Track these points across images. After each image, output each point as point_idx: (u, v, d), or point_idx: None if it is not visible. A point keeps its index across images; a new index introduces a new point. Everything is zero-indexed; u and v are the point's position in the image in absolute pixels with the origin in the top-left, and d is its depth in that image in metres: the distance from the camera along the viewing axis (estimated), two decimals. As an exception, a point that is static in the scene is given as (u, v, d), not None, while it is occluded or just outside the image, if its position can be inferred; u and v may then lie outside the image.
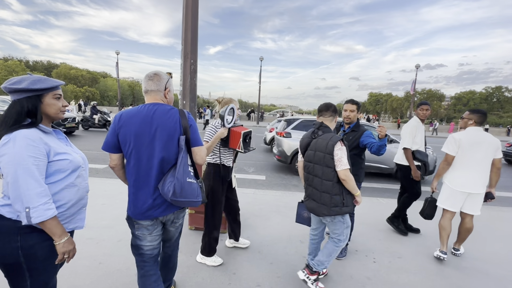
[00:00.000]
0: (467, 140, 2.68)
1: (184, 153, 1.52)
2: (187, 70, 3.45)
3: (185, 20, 3.40)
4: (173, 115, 1.52)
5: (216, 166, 2.40)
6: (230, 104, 2.30)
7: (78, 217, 1.40)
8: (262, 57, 26.10)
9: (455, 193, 2.76)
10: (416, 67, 26.23)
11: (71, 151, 1.35)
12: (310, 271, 2.16)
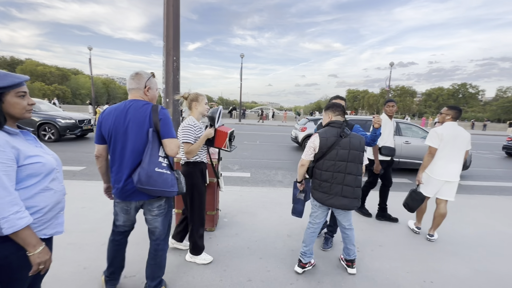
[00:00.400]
0: (447, 134, 2.95)
1: (152, 145, 1.67)
2: (170, 68, 3.37)
3: (166, 17, 3.32)
4: (144, 110, 1.68)
5: (197, 164, 2.37)
6: (219, 106, 2.39)
7: (57, 222, 1.35)
8: (242, 54, 25.97)
9: (434, 181, 3.05)
10: (390, 64, 27.44)
11: (42, 152, 1.27)
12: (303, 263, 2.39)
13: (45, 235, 1.27)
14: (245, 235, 3.06)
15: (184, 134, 2.24)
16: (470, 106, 65.12)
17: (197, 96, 2.37)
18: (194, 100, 2.37)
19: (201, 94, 2.40)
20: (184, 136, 2.24)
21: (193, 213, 2.41)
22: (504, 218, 3.96)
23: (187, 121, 2.30)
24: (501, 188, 6.03)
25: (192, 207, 2.40)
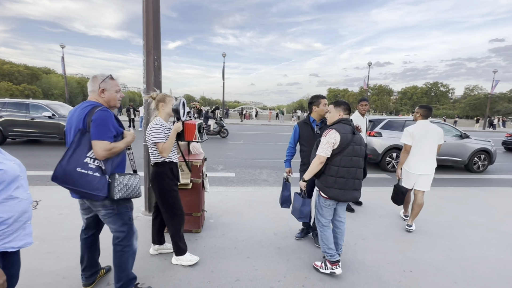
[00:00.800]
0: (418, 131, 3.22)
1: (78, 144, 1.67)
2: (151, 67, 3.28)
3: (145, 14, 3.22)
4: (84, 111, 1.71)
5: (166, 164, 2.31)
6: (179, 97, 2.33)
7: (24, 233, 1.27)
8: (224, 53, 25.78)
9: (411, 175, 3.33)
10: (368, 64, 28.42)
11: (3, 159, 1.20)
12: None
13: (12, 248, 1.19)
14: (232, 235, 3.05)
15: (153, 134, 2.19)
16: (442, 104, 68.98)
17: (164, 97, 2.31)
18: (161, 101, 2.30)
19: (169, 95, 2.34)
20: (153, 136, 2.19)
21: (168, 215, 2.36)
22: (471, 208, 4.24)
23: (154, 122, 2.24)
24: (471, 180, 6.46)
25: (166, 208, 2.35)
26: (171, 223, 2.37)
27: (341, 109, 2.36)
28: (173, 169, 2.37)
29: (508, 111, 53.18)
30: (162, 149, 2.19)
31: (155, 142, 2.19)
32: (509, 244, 3.09)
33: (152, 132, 2.20)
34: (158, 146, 2.19)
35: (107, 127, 1.70)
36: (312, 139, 2.78)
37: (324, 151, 2.22)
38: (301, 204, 2.50)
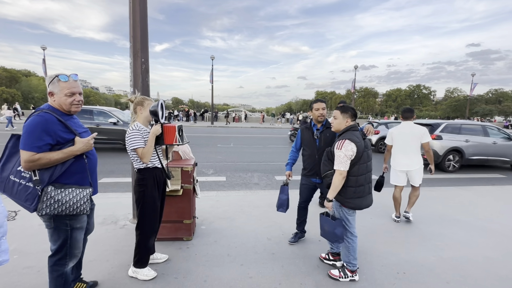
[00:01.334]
0: (396, 132, 3.61)
1: (11, 151, 1.62)
2: (138, 70, 3.18)
3: (132, 16, 3.12)
4: (28, 118, 1.60)
5: (148, 170, 2.20)
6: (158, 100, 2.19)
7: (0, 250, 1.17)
8: (213, 56, 25.67)
9: (397, 172, 3.66)
10: (354, 67, 29.08)
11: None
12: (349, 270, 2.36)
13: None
14: (224, 241, 2.98)
15: (131, 140, 2.10)
16: (424, 106, 71.44)
17: (143, 101, 2.20)
18: (139, 104, 2.19)
19: (148, 99, 2.23)
20: (131, 143, 2.10)
21: (142, 222, 2.24)
22: (458, 207, 4.36)
23: (132, 127, 2.14)
24: (457, 180, 6.66)
25: (142, 216, 2.23)
26: (142, 231, 2.25)
27: (348, 116, 2.27)
28: (157, 175, 2.25)
29: (486, 112, 55.72)
30: (142, 154, 2.10)
31: (134, 148, 2.10)
32: (496, 242, 3.18)
33: (130, 138, 2.11)
34: (138, 152, 2.10)
35: (35, 135, 1.53)
36: (311, 143, 2.76)
37: (344, 165, 2.14)
38: (333, 226, 2.28)
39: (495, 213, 4.15)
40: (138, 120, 2.22)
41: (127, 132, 2.14)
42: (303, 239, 3.09)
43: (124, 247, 2.79)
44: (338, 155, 2.16)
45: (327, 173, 2.30)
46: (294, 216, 3.73)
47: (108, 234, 3.06)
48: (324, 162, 2.34)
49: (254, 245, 2.91)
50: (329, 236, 2.35)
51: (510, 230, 3.53)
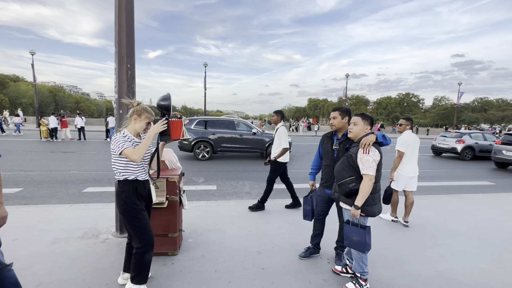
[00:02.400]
0: (411, 140, 3.75)
1: None
2: (123, 76, 3.06)
3: (118, 20, 3.02)
4: None
5: (127, 183, 2.04)
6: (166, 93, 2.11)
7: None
8: (206, 63, 25.68)
9: (403, 178, 3.83)
10: (346, 76, 29.55)
11: None
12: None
13: None
14: (212, 256, 2.83)
15: (116, 144, 1.95)
16: (414, 113, 73.01)
17: (143, 112, 2.06)
18: (137, 113, 2.06)
19: (149, 111, 2.09)
20: (116, 146, 1.94)
21: (135, 237, 2.06)
22: (450, 216, 4.33)
23: (118, 134, 2.01)
24: (447, 187, 6.69)
25: (132, 230, 2.05)
26: (138, 245, 2.06)
27: (368, 123, 2.27)
28: (137, 188, 2.08)
29: (472, 120, 57.36)
30: (132, 153, 1.93)
31: (121, 151, 1.94)
32: (489, 252, 3.13)
33: (114, 144, 1.96)
34: (127, 152, 1.92)
35: None
36: (329, 153, 2.63)
37: (373, 169, 2.12)
38: (363, 235, 2.17)
39: (486, 222, 4.13)
40: (127, 128, 2.08)
41: (112, 139, 2.00)
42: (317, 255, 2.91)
43: (104, 263, 2.61)
44: (367, 159, 2.12)
45: (346, 179, 2.21)
46: (285, 227, 3.62)
47: (88, 250, 2.87)
48: (344, 168, 2.25)
49: (243, 260, 2.77)
50: (361, 246, 2.20)
51: (502, 240, 3.50)
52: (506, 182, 7.65)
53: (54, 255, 2.72)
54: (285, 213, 4.22)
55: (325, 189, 2.70)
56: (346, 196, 2.26)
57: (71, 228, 3.37)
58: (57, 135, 14.19)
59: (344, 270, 2.56)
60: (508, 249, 3.24)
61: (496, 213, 4.56)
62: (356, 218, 2.20)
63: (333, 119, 2.58)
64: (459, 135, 12.08)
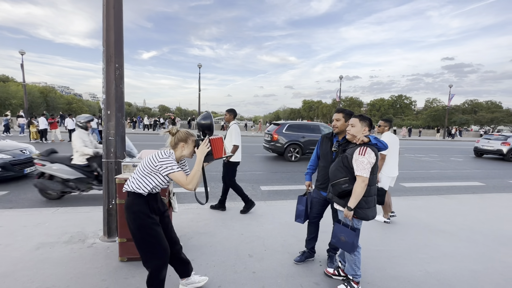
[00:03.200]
0: (391, 141, 3.81)
1: None
2: (111, 76, 2.99)
3: (106, 19, 2.96)
4: None
5: (139, 196, 1.91)
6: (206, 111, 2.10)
7: None
8: (200, 64, 25.60)
9: (387, 179, 3.93)
10: (340, 77, 29.81)
11: None
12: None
13: None
14: (202, 260, 2.77)
15: (165, 163, 1.83)
16: (406, 115, 74.11)
17: (188, 137, 1.97)
18: (182, 140, 1.96)
19: (192, 134, 2.01)
20: (165, 165, 1.83)
21: (144, 254, 1.92)
22: (441, 216, 4.36)
23: (165, 152, 1.88)
24: (438, 188, 6.76)
25: (142, 247, 1.90)
26: (148, 263, 1.92)
27: (366, 125, 2.24)
28: (150, 201, 1.96)
29: (463, 122, 58.44)
30: (188, 182, 1.85)
31: (170, 173, 1.84)
32: (480, 253, 3.15)
33: (163, 161, 1.85)
34: (180, 178, 1.84)
35: None
36: (328, 155, 2.58)
37: (367, 171, 2.09)
38: (352, 237, 2.19)
39: (476, 222, 4.17)
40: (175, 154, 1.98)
41: (158, 155, 1.87)
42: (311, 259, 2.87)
43: (90, 269, 2.53)
44: (362, 161, 2.09)
45: (340, 180, 2.19)
46: (278, 229, 3.59)
47: (73, 255, 2.78)
48: (338, 168, 2.22)
49: (234, 264, 2.72)
50: (347, 247, 2.22)
51: (491, 240, 3.53)
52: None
53: (38, 261, 2.62)
54: (278, 215, 4.18)
55: (320, 191, 2.67)
56: (339, 196, 2.24)
57: (57, 233, 3.26)
58: (46, 136, 13.90)
59: (336, 273, 2.54)
60: (497, 249, 3.27)
61: (485, 213, 4.61)
62: (349, 219, 2.18)
63: (336, 121, 2.51)
64: (504, 138, 13.36)
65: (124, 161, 2.87)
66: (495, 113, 58.97)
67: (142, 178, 1.90)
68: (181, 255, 2.19)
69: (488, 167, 10.51)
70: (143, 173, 1.90)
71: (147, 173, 1.89)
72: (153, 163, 1.86)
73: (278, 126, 10.45)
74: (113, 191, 3.04)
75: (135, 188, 1.90)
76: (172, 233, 2.16)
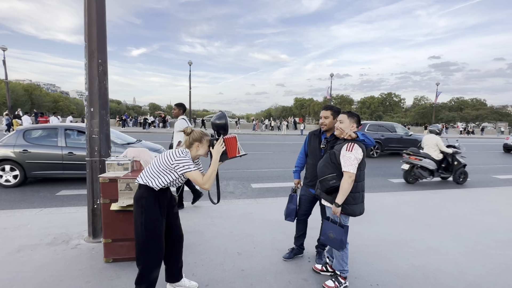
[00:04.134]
0: None
1: None
2: (94, 72, 2.89)
3: (88, 12, 2.86)
4: None
5: (150, 190, 1.90)
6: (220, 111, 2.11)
7: None
8: (190, 61, 25.29)
9: None
10: (330, 75, 30.06)
11: None
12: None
13: None
14: (190, 259, 2.73)
15: (182, 161, 1.86)
16: (395, 112, 75.59)
17: (202, 137, 1.99)
18: (197, 140, 1.98)
19: (206, 134, 2.03)
20: (182, 163, 1.86)
21: (140, 250, 1.89)
22: (427, 211, 4.45)
23: (182, 151, 1.91)
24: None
25: (140, 243, 1.88)
26: (142, 260, 1.90)
27: (354, 121, 2.24)
28: (160, 196, 1.94)
29: (449, 119, 60.06)
30: (205, 181, 1.89)
31: (187, 172, 1.86)
32: (463, 246, 3.23)
33: (181, 159, 1.87)
34: (196, 177, 1.87)
35: None
36: (316, 152, 2.57)
37: (354, 167, 2.09)
38: (340, 234, 2.18)
39: (461, 215, 4.28)
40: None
41: (174, 153, 1.89)
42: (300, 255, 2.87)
43: (73, 271, 2.45)
44: (349, 156, 2.09)
45: (327, 176, 2.19)
46: (267, 227, 3.58)
47: (56, 257, 2.69)
48: (326, 164, 2.23)
49: (223, 262, 2.70)
50: (335, 244, 2.21)
51: (474, 232, 3.63)
52: None
53: (18, 264, 2.53)
54: (268, 212, 4.18)
55: (309, 189, 2.66)
56: (327, 193, 2.25)
57: (39, 234, 3.16)
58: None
59: (324, 269, 2.55)
60: (480, 241, 3.37)
61: (469, 207, 4.74)
62: (337, 216, 2.19)
63: (324, 118, 2.49)
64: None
65: (109, 160, 2.79)
66: (480, 110, 60.87)
67: (157, 175, 1.91)
68: (180, 255, 2.19)
69: (472, 162, 10.82)
70: (157, 170, 1.91)
71: (162, 170, 1.90)
72: (170, 161, 1.87)
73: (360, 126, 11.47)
74: (98, 190, 2.96)
75: (148, 182, 1.90)
76: (179, 230, 2.19)
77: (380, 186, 6.47)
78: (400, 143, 11.81)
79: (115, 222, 2.58)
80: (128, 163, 2.76)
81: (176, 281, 2.20)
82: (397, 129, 12.17)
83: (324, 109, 2.53)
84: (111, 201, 2.57)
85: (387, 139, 11.64)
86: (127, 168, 2.76)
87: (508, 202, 5.09)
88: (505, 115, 60.19)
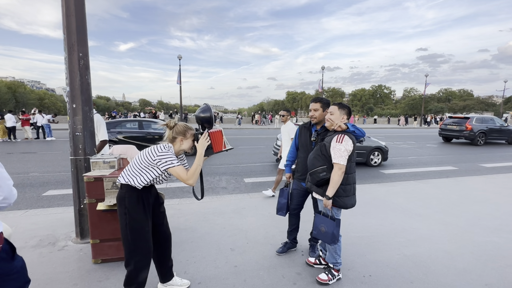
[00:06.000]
0: (291, 130, 4.23)
1: None
2: (75, 66, 2.75)
3: (65, 3, 2.70)
4: None
5: (132, 189, 1.82)
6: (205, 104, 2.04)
7: None
8: (180, 55, 24.77)
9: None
10: (322, 68, 30.04)
11: None
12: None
13: None
14: (182, 256, 2.68)
15: (164, 157, 1.76)
16: (386, 104, 76.57)
17: (186, 130, 1.89)
18: (181, 134, 1.88)
19: (190, 128, 1.94)
20: (164, 159, 1.76)
21: (127, 252, 1.84)
22: (417, 201, 4.52)
23: (164, 146, 1.81)
24: (415, 174, 7.03)
25: (127, 244, 1.83)
26: (129, 262, 1.85)
27: (345, 113, 2.20)
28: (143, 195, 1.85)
29: (438, 110, 61.24)
30: (189, 177, 1.80)
31: (169, 167, 1.76)
32: (452, 234, 3.29)
33: (163, 155, 1.77)
34: (180, 173, 1.77)
35: None
36: (307, 145, 2.53)
37: (344, 159, 2.07)
38: (332, 227, 2.15)
39: (450, 204, 4.36)
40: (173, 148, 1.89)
41: (156, 148, 1.79)
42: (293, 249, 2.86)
43: (59, 274, 2.37)
44: (339, 148, 2.07)
45: (317, 168, 2.16)
46: (260, 222, 3.56)
47: (42, 259, 2.60)
48: (316, 157, 2.20)
49: (215, 259, 2.66)
50: (327, 238, 2.19)
51: (464, 221, 3.70)
52: None
53: (1, 269, 2.42)
54: (261, 207, 4.16)
55: (301, 182, 2.63)
56: (317, 185, 2.23)
57: (24, 237, 3.04)
58: (15, 134, 12.99)
59: (317, 262, 2.55)
60: (468, 229, 3.44)
61: (458, 196, 4.84)
62: (328, 209, 2.17)
63: (314, 111, 2.45)
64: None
65: (94, 158, 2.69)
66: (467, 100, 62.23)
67: (138, 173, 1.81)
68: (169, 254, 2.14)
69: (459, 152, 11.07)
70: (139, 167, 1.81)
71: (144, 168, 1.81)
72: (151, 157, 1.78)
73: (468, 119, 13.49)
74: (84, 190, 2.85)
75: (130, 181, 1.81)
76: (167, 229, 2.13)
77: (372, 177, 6.54)
78: (500, 133, 13.81)
79: (102, 222, 2.50)
80: (114, 160, 2.67)
81: (167, 281, 2.16)
82: (496, 121, 14.06)
83: (313, 102, 2.50)
84: (97, 200, 2.49)
85: (491, 129, 13.49)
86: (114, 166, 2.67)
87: (495, 190, 5.22)
88: (491, 105, 61.79)
